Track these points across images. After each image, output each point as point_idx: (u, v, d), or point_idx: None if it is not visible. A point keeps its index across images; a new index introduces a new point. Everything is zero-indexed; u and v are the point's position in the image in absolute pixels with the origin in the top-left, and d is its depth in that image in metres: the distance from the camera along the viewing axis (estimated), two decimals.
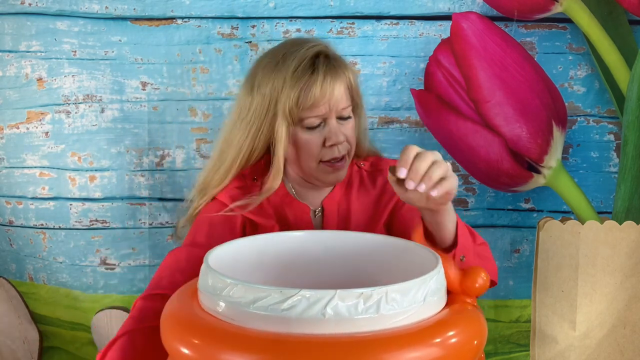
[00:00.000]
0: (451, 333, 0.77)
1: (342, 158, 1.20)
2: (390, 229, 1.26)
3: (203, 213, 1.22)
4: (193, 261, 1.09)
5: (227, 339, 0.74)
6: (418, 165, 0.89)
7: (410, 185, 0.89)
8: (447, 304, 0.85)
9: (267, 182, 1.20)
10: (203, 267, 0.85)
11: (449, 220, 0.99)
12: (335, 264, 1.03)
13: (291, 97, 1.13)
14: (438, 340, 0.76)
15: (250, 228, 1.22)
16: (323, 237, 1.05)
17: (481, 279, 0.86)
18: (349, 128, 1.20)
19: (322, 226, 1.27)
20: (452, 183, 0.91)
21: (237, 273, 0.86)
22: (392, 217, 1.26)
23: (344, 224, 1.25)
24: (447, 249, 1.01)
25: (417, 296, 0.77)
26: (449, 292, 0.87)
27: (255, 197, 1.20)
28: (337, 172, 1.21)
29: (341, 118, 1.19)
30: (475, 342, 0.81)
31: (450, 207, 0.98)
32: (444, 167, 0.90)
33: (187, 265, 1.11)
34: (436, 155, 0.91)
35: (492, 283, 1.03)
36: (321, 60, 1.15)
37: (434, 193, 0.89)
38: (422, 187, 0.89)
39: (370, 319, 0.74)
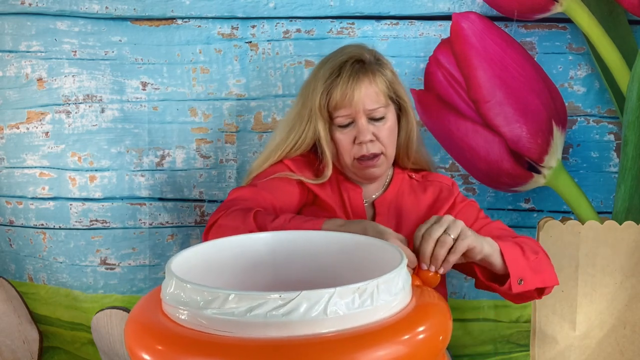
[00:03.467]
0: (429, 317, 0.82)
1: (375, 157, 1.27)
2: None
3: (266, 172, 1.32)
4: (254, 194, 1.24)
5: (228, 353, 0.72)
6: (423, 251, 1.00)
7: (423, 267, 1.01)
8: None
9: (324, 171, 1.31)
10: (177, 285, 0.79)
11: (493, 259, 1.08)
12: (286, 265, 1.02)
13: (319, 98, 1.25)
14: (426, 324, 0.79)
15: (310, 197, 1.32)
16: (275, 239, 1.02)
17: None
18: (383, 129, 1.27)
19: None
20: (461, 248, 1.01)
21: (196, 279, 0.81)
22: None
23: (397, 222, 1.30)
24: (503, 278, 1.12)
25: (399, 284, 0.80)
26: None
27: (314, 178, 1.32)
28: (369, 169, 1.28)
29: (373, 119, 1.26)
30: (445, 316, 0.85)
31: (483, 249, 1.06)
32: (449, 241, 1.00)
33: (252, 197, 1.24)
34: (442, 226, 1.01)
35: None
36: (347, 66, 1.25)
37: (441, 271, 1.01)
38: (432, 269, 1.01)
39: (367, 312, 0.75)
